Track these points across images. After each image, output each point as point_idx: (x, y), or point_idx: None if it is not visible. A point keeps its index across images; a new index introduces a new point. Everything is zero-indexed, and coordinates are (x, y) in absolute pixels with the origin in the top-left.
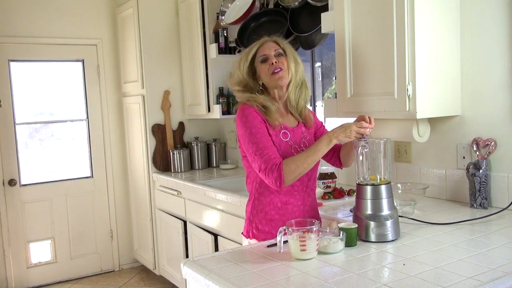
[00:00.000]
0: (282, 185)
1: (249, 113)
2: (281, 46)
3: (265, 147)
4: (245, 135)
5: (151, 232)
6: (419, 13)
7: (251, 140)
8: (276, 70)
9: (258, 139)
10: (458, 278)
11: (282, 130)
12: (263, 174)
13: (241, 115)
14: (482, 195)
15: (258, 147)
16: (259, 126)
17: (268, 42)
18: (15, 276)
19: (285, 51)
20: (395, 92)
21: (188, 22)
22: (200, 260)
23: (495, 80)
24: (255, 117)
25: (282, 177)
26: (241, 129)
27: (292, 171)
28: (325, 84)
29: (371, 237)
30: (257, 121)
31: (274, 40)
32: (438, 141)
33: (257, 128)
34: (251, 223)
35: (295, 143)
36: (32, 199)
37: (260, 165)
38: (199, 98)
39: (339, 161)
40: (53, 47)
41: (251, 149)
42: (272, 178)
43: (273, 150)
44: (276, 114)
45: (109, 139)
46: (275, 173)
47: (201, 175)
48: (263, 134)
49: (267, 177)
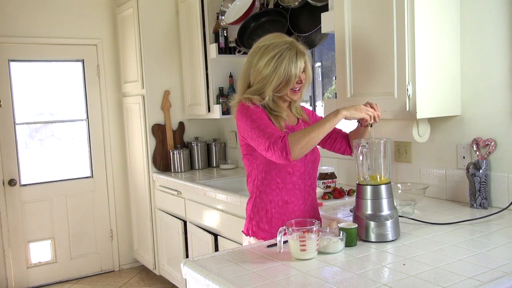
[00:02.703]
0: (288, 156)
1: (248, 106)
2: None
3: (267, 126)
4: (246, 125)
5: (151, 232)
6: (419, 13)
7: (252, 127)
8: (297, 88)
9: (259, 123)
10: (458, 278)
11: (284, 130)
12: (269, 151)
13: (241, 109)
14: (482, 195)
15: (259, 129)
16: (260, 114)
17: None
18: (15, 276)
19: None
20: (395, 92)
21: (188, 22)
22: (200, 260)
23: (495, 80)
24: (256, 108)
25: (287, 147)
26: (241, 121)
27: (298, 140)
28: (325, 84)
29: (371, 237)
30: (258, 110)
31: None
32: (438, 141)
33: (257, 115)
34: (251, 221)
35: None
36: (32, 199)
37: (265, 143)
38: (199, 98)
39: (350, 148)
40: (53, 47)
41: (254, 134)
42: (278, 151)
43: (275, 128)
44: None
45: (109, 139)
46: (279, 144)
47: (201, 175)
48: (264, 119)
49: (273, 151)
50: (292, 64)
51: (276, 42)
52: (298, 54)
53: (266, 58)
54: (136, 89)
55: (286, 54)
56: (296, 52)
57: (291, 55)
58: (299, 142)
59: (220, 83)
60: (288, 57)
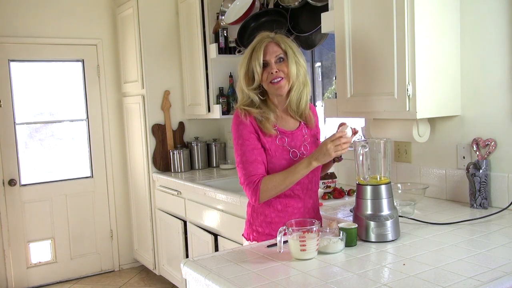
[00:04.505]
0: (256, 202)
1: (240, 121)
2: (283, 48)
3: (248, 161)
4: (235, 143)
5: (151, 232)
6: (419, 13)
7: (237, 151)
8: (276, 79)
9: (244, 151)
10: (458, 278)
11: (279, 136)
12: (243, 186)
13: (234, 122)
14: (482, 195)
15: (241, 159)
16: (248, 137)
17: (270, 45)
18: (15, 276)
19: (286, 54)
20: (395, 92)
21: (188, 22)
22: (200, 260)
23: (495, 80)
24: (246, 126)
25: (258, 194)
26: (233, 135)
27: (269, 190)
28: (325, 84)
29: (371, 237)
30: (246, 131)
31: (276, 41)
32: (438, 141)
33: (244, 140)
34: (251, 226)
35: (294, 146)
36: (32, 199)
37: (241, 177)
38: (199, 98)
39: None
40: (53, 47)
41: (237, 159)
42: (249, 192)
43: (255, 165)
44: (270, 125)
45: (109, 139)
46: (252, 187)
47: (201, 175)
48: (250, 146)
49: (246, 190)
50: (253, 51)
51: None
52: (260, 43)
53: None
54: (136, 89)
55: (251, 47)
56: (258, 41)
57: (253, 45)
58: (269, 192)
59: (220, 83)
60: (250, 48)
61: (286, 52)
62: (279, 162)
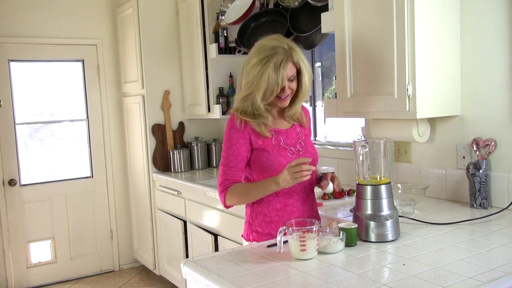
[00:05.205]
0: (224, 204)
1: (233, 126)
2: (297, 66)
3: (228, 166)
4: (223, 143)
5: (151, 232)
6: (419, 13)
7: (223, 152)
8: (284, 96)
9: (228, 154)
10: (458, 278)
11: (274, 136)
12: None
13: (228, 125)
14: (482, 195)
15: (224, 161)
16: (236, 142)
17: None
18: (15, 276)
19: (299, 70)
20: (395, 92)
21: (188, 22)
22: (200, 260)
23: (495, 80)
24: (237, 131)
25: (224, 198)
26: (224, 136)
27: (234, 198)
28: (325, 84)
29: (371, 237)
30: (236, 137)
31: (292, 59)
32: (438, 141)
33: (232, 144)
34: (251, 226)
35: (289, 144)
36: (32, 199)
37: (219, 178)
38: (199, 98)
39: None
40: (53, 47)
41: (221, 159)
42: (219, 194)
43: (233, 171)
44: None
45: (109, 139)
46: (221, 190)
47: (201, 175)
48: (236, 152)
49: (218, 190)
50: (275, 71)
51: (271, 45)
52: (284, 61)
53: (255, 60)
54: (136, 89)
55: (273, 60)
56: (283, 59)
57: (276, 60)
58: (235, 200)
59: (220, 83)
60: (274, 62)
61: (299, 68)
62: (277, 161)
